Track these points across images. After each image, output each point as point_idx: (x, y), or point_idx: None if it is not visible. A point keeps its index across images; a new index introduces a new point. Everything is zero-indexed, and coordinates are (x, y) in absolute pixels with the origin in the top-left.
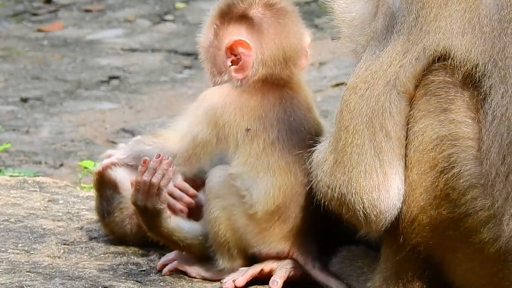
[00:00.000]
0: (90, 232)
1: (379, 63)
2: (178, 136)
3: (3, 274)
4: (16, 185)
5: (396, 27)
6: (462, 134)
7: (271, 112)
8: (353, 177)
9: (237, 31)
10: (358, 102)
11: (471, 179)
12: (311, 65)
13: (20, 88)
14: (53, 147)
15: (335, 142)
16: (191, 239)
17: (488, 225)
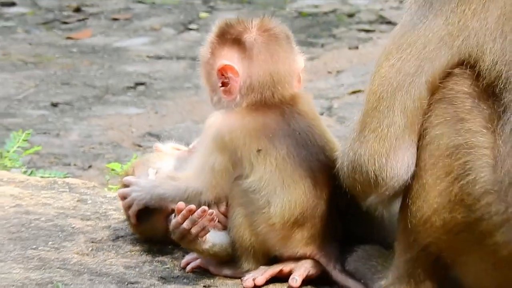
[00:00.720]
0: (117, 231)
1: (416, 36)
2: (197, 173)
3: (34, 270)
4: (46, 186)
5: (436, 4)
6: (478, 143)
7: (277, 129)
8: (370, 140)
9: (229, 55)
10: (388, 70)
11: (486, 185)
12: (329, 72)
13: (50, 93)
14: (82, 149)
15: (365, 103)
16: (218, 249)
17: (502, 229)
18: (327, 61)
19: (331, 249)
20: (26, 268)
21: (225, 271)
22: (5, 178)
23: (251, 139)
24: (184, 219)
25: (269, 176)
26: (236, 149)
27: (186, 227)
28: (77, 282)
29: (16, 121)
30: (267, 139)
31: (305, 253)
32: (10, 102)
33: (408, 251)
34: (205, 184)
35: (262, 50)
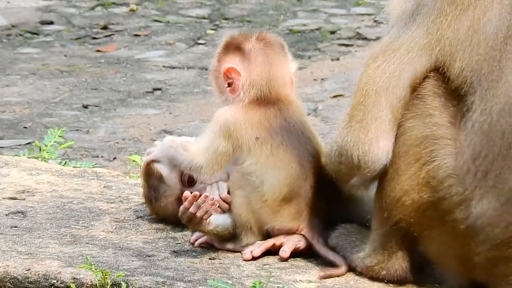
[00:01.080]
0: (137, 212)
1: (399, 44)
2: (203, 151)
3: (67, 245)
4: (78, 174)
5: (419, 17)
6: (443, 135)
7: (274, 122)
8: (356, 129)
9: (232, 60)
10: (375, 71)
11: (448, 170)
12: (315, 80)
13: (82, 97)
14: (108, 144)
15: (353, 98)
16: (221, 229)
17: (460, 207)
18: (313, 71)
19: (315, 225)
20: (60, 243)
21: (227, 246)
22: (43, 168)
23: (251, 129)
24: (190, 205)
25: (264, 160)
26: (238, 137)
27: (192, 211)
28: (103, 255)
29: (53, 120)
30: (265, 130)
31: (292, 227)
32: (48, 104)
33: (382, 226)
34: (207, 162)
35: (259, 53)
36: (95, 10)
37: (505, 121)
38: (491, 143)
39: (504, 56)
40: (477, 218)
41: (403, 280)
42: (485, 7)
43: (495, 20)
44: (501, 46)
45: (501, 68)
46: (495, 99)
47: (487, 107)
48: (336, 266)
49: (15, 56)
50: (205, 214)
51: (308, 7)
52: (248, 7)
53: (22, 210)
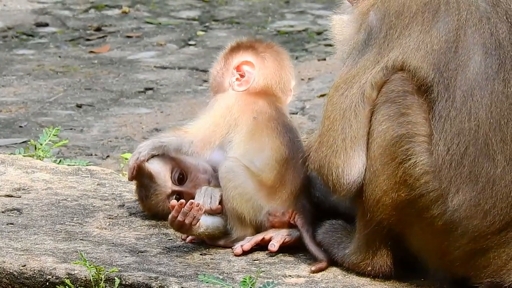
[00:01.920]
0: (129, 209)
1: (357, 69)
2: (195, 128)
3: (61, 242)
4: (72, 172)
5: (371, 41)
6: (418, 132)
7: (269, 110)
8: (328, 155)
9: (244, 56)
10: (339, 98)
11: (424, 167)
12: (302, 79)
13: (76, 96)
14: (101, 142)
15: (321, 127)
16: (211, 230)
17: (437, 203)
18: (300, 70)
19: (307, 210)
20: (55, 239)
21: (218, 242)
22: (39, 166)
23: (250, 109)
24: (177, 213)
25: (258, 138)
26: (237, 114)
27: (180, 219)
28: (97, 251)
29: (47, 119)
30: (262, 113)
31: (286, 209)
32: (43, 104)
33: (366, 227)
34: (198, 138)
35: (271, 58)
36: (88, 13)
37: (469, 103)
38: (460, 127)
39: (460, 45)
40: (454, 211)
41: (388, 275)
42: (433, 9)
43: (444, 16)
44: (454, 38)
45: (458, 57)
46: (457, 84)
47: (451, 94)
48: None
49: (11, 57)
50: (193, 220)
51: (296, 9)
52: (237, 9)
53: (17, 207)
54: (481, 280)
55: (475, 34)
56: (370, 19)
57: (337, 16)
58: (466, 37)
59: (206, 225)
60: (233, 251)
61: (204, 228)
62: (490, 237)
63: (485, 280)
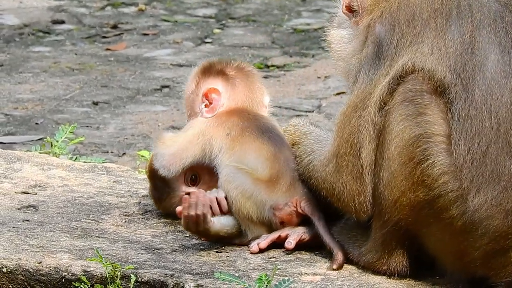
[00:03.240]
0: (145, 206)
1: (372, 87)
2: (170, 142)
3: (77, 239)
4: (88, 169)
5: (383, 54)
6: (435, 132)
7: (241, 122)
8: (349, 181)
9: (214, 82)
10: (357, 120)
11: (443, 167)
12: (318, 77)
13: (92, 94)
14: (117, 140)
15: (337, 149)
16: (225, 232)
17: (456, 203)
18: (316, 68)
19: (311, 200)
20: (71, 236)
21: (234, 241)
22: (55, 163)
23: (223, 129)
24: (187, 210)
25: (239, 148)
26: (210, 136)
27: (192, 213)
28: (113, 248)
29: (64, 116)
30: (236, 126)
31: (289, 199)
32: (59, 101)
33: (382, 227)
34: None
35: (242, 81)
36: (105, 10)
37: (489, 102)
38: (481, 126)
39: (476, 46)
40: (475, 211)
41: (403, 274)
42: (445, 14)
43: (457, 20)
44: (470, 39)
45: (475, 57)
46: (476, 84)
47: (469, 94)
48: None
49: (28, 54)
50: (204, 208)
51: (312, 7)
52: (253, 7)
53: (34, 204)
54: (501, 280)
55: (490, 34)
56: (377, 31)
57: (335, 31)
58: (481, 37)
59: (221, 224)
60: (249, 249)
61: (220, 226)
62: (511, 236)
63: (505, 279)
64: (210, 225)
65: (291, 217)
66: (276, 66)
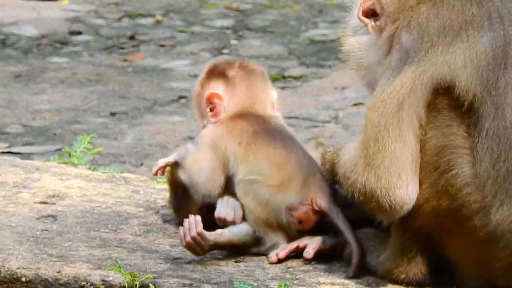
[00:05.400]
0: (164, 216)
1: (393, 86)
2: (196, 169)
3: (96, 248)
4: (106, 179)
5: (408, 60)
6: (460, 144)
7: (250, 127)
8: (383, 176)
9: (215, 86)
10: (379, 118)
11: (466, 178)
12: (335, 88)
13: (109, 104)
14: (135, 150)
15: (364, 149)
16: (241, 237)
17: (479, 214)
18: (333, 79)
19: (326, 194)
20: (89, 246)
21: (252, 250)
22: (73, 173)
23: (234, 138)
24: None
25: (253, 156)
26: (225, 148)
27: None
28: (131, 258)
29: (82, 127)
30: (246, 133)
31: (304, 197)
32: (77, 112)
33: (403, 233)
34: (202, 179)
35: (243, 80)
36: (122, 21)
37: None
38: (508, 145)
39: (509, 62)
40: (497, 225)
41: (422, 283)
42: (477, 26)
43: (489, 32)
44: (502, 54)
45: (508, 73)
46: (506, 102)
47: (499, 112)
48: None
49: (45, 65)
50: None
51: (329, 18)
52: (270, 18)
53: (52, 214)
54: None
55: None
56: (404, 40)
57: (352, 39)
58: None
59: (233, 232)
60: (267, 259)
61: (231, 235)
62: None
63: None
64: (213, 239)
65: (308, 216)
66: (293, 77)
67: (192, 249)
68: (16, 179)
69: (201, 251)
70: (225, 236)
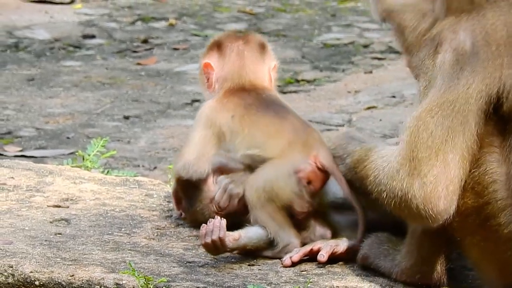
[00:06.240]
0: (177, 220)
1: (455, 95)
2: (188, 148)
3: (110, 252)
4: (120, 183)
5: (469, 66)
6: (489, 142)
7: (248, 99)
8: (429, 185)
9: (210, 56)
10: (436, 126)
11: (494, 176)
12: (349, 92)
13: (123, 108)
14: (148, 154)
15: (412, 153)
16: (256, 241)
17: (504, 212)
18: (347, 83)
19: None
20: (103, 250)
21: (265, 253)
22: (87, 176)
23: (228, 112)
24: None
25: (247, 130)
26: (220, 123)
27: (208, 241)
28: (145, 261)
29: (95, 130)
30: (240, 107)
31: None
32: (91, 115)
33: (422, 232)
34: (190, 156)
35: (235, 50)
36: (135, 25)
37: None
38: None
39: None
40: None
41: (438, 283)
42: None
43: None
44: None
45: None
46: None
47: None
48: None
49: (58, 68)
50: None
51: (342, 22)
52: (283, 21)
53: (66, 217)
54: None
55: None
56: (462, 40)
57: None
58: None
59: (248, 237)
60: (281, 262)
61: (246, 240)
62: None
63: None
64: (231, 246)
65: (315, 174)
66: (306, 80)
67: (209, 249)
68: (30, 182)
69: (216, 253)
70: (241, 241)
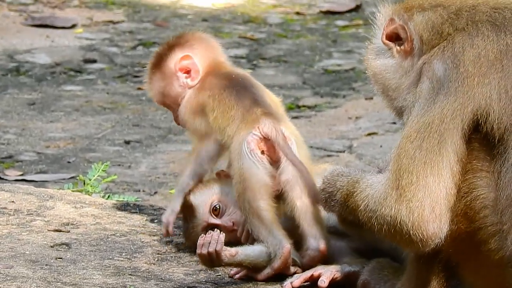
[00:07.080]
0: (178, 244)
1: (430, 117)
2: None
3: (110, 276)
4: (120, 208)
5: (443, 90)
6: (481, 168)
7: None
8: (415, 209)
9: (177, 54)
10: (415, 150)
11: (484, 201)
12: (349, 118)
13: (124, 133)
14: (149, 179)
15: (396, 180)
16: (254, 259)
17: (495, 238)
18: (347, 109)
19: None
20: (104, 274)
21: (266, 272)
22: (87, 201)
23: (205, 92)
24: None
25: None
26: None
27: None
28: (146, 286)
29: (96, 155)
30: (217, 88)
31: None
32: (91, 140)
33: (420, 257)
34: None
35: (196, 41)
36: (136, 50)
37: None
38: None
39: None
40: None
41: None
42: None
43: None
44: None
45: None
46: None
47: None
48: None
49: (59, 93)
50: (216, 245)
51: (343, 48)
52: (284, 47)
53: (66, 242)
54: None
55: None
56: (436, 68)
57: (377, 62)
58: None
59: (245, 254)
60: (282, 287)
61: (243, 257)
62: None
63: None
64: (227, 260)
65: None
66: (307, 106)
67: (204, 260)
68: (30, 207)
69: (210, 265)
70: (237, 258)
